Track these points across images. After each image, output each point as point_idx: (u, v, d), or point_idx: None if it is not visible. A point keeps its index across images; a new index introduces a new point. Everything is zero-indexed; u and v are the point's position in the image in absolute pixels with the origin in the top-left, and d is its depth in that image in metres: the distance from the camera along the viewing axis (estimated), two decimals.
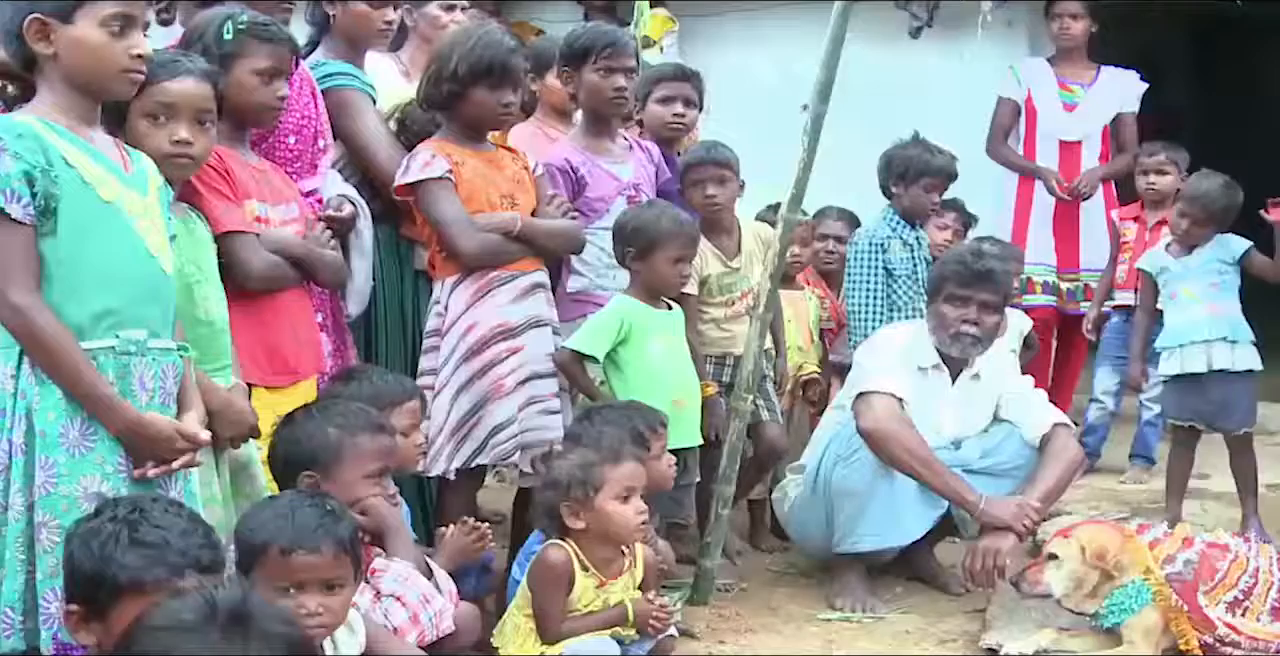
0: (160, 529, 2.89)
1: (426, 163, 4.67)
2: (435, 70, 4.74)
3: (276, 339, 4.17)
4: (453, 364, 4.69)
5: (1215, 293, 6.02)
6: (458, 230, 4.65)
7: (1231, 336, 5.96)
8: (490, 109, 4.74)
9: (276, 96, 4.22)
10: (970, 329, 5.27)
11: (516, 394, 4.73)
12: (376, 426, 3.83)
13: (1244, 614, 4.57)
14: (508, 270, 4.75)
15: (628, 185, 5.31)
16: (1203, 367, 5.94)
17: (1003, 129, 7.73)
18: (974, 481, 5.15)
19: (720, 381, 5.42)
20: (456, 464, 4.69)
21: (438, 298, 4.78)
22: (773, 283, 5.17)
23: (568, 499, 4.07)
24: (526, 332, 4.77)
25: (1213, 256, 6.04)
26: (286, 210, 4.30)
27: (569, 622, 4.07)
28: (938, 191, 6.27)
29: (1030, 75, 7.69)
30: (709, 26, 7.84)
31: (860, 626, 5.07)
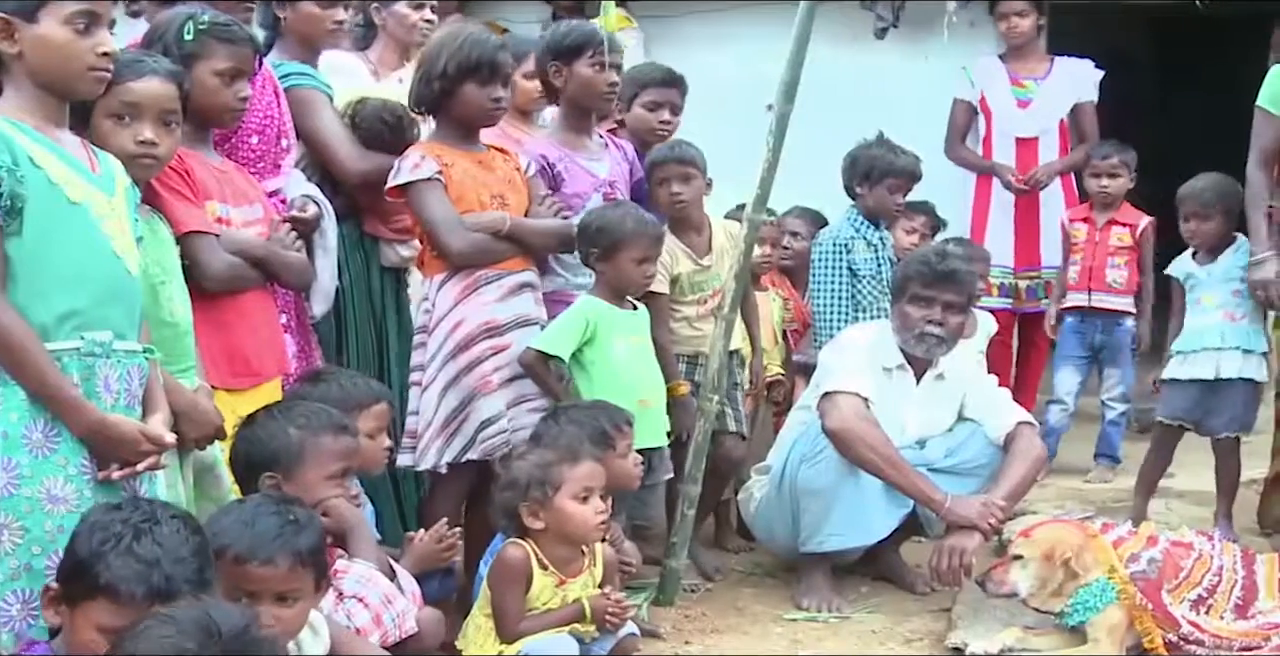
0: (159, 547, 2.88)
1: (416, 164, 4.70)
2: (425, 71, 4.78)
3: (238, 341, 4.14)
4: (440, 360, 4.72)
5: (1236, 301, 5.96)
6: (447, 230, 4.68)
7: (1245, 346, 5.92)
8: (481, 105, 4.77)
9: (238, 97, 4.19)
10: (934, 329, 5.28)
11: (503, 391, 4.75)
12: (338, 427, 3.82)
13: (1208, 611, 4.59)
14: (495, 269, 4.77)
15: (603, 182, 5.32)
16: (1210, 375, 5.92)
17: (959, 130, 7.74)
18: (939, 480, 5.17)
19: (693, 380, 5.42)
20: (447, 458, 4.71)
21: (426, 295, 4.82)
22: (739, 283, 5.17)
23: (526, 499, 4.08)
24: (513, 331, 4.79)
25: (1234, 263, 5.99)
26: (250, 211, 4.27)
27: (527, 621, 4.07)
28: (901, 192, 6.27)
29: (982, 75, 7.69)
30: (674, 27, 7.85)
31: (826, 626, 5.08)
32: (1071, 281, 7.10)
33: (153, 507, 3.01)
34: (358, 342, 5.15)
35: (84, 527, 2.94)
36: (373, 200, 5.05)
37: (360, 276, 5.18)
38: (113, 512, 2.95)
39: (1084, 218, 7.15)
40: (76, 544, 2.92)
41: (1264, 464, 6.04)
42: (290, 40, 5.15)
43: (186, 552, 2.91)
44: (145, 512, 2.95)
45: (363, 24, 6.01)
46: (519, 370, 4.79)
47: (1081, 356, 7.08)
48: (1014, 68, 7.65)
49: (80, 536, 2.92)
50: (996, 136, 7.62)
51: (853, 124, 7.78)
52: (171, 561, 2.87)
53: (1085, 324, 7.06)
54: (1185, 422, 6.07)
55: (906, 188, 6.30)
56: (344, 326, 5.13)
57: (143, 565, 2.84)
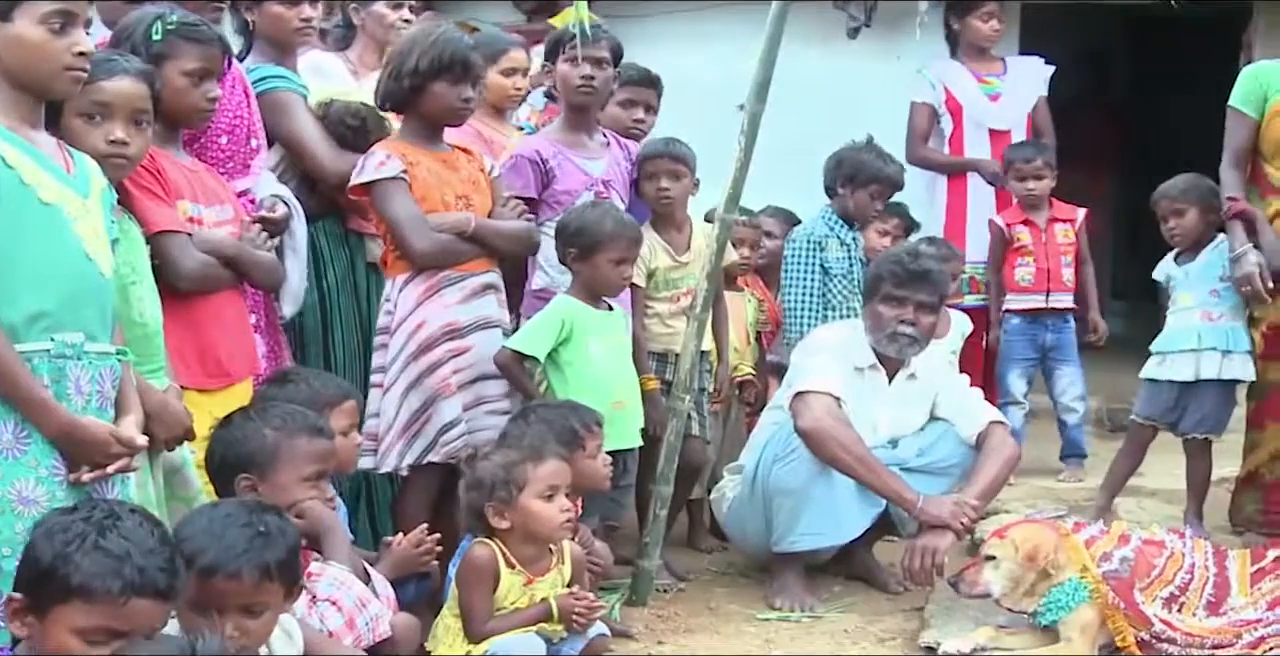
0: (127, 541, 2.85)
1: (381, 163, 4.68)
2: (395, 67, 4.75)
3: (209, 341, 4.13)
4: (401, 362, 4.70)
5: (1215, 301, 5.97)
6: (411, 229, 4.66)
7: (1225, 346, 5.91)
8: (450, 103, 4.76)
9: (207, 98, 4.18)
10: (907, 329, 5.29)
11: (462, 394, 4.73)
12: (315, 429, 3.80)
13: (1180, 609, 4.60)
14: (458, 270, 4.76)
15: (596, 181, 5.35)
16: (1190, 376, 5.93)
17: (921, 133, 7.68)
18: (911, 480, 5.17)
19: (663, 379, 5.43)
20: (408, 460, 4.71)
21: (388, 296, 4.80)
22: (710, 284, 5.17)
23: (491, 499, 4.07)
24: (474, 333, 4.77)
25: (1212, 262, 6.01)
26: (220, 211, 4.26)
27: (494, 621, 4.06)
28: (881, 199, 6.30)
29: (943, 75, 7.66)
30: (646, 26, 7.84)
31: (799, 626, 5.07)
32: (1025, 284, 7.03)
33: (110, 505, 2.98)
34: (343, 339, 5.16)
35: (40, 534, 2.89)
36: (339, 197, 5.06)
37: (345, 273, 5.20)
38: (70, 515, 2.92)
39: (1023, 220, 7.07)
40: (37, 551, 2.87)
41: (1236, 462, 6.05)
42: (262, 43, 5.19)
43: (154, 544, 2.88)
44: (105, 510, 2.92)
45: (342, 25, 6.04)
46: (480, 372, 4.78)
47: (1029, 359, 7.05)
48: (973, 67, 7.65)
49: (39, 543, 2.88)
50: (969, 130, 7.57)
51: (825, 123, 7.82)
52: (142, 553, 2.84)
53: (1035, 325, 7.00)
54: (1159, 423, 6.09)
55: (887, 195, 6.33)
56: (329, 323, 5.15)
57: (113, 560, 2.81)
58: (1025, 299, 7.04)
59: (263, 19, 5.14)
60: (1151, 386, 6.09)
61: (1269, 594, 4.61)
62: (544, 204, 5.29)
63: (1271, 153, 5.71)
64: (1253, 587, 4.69)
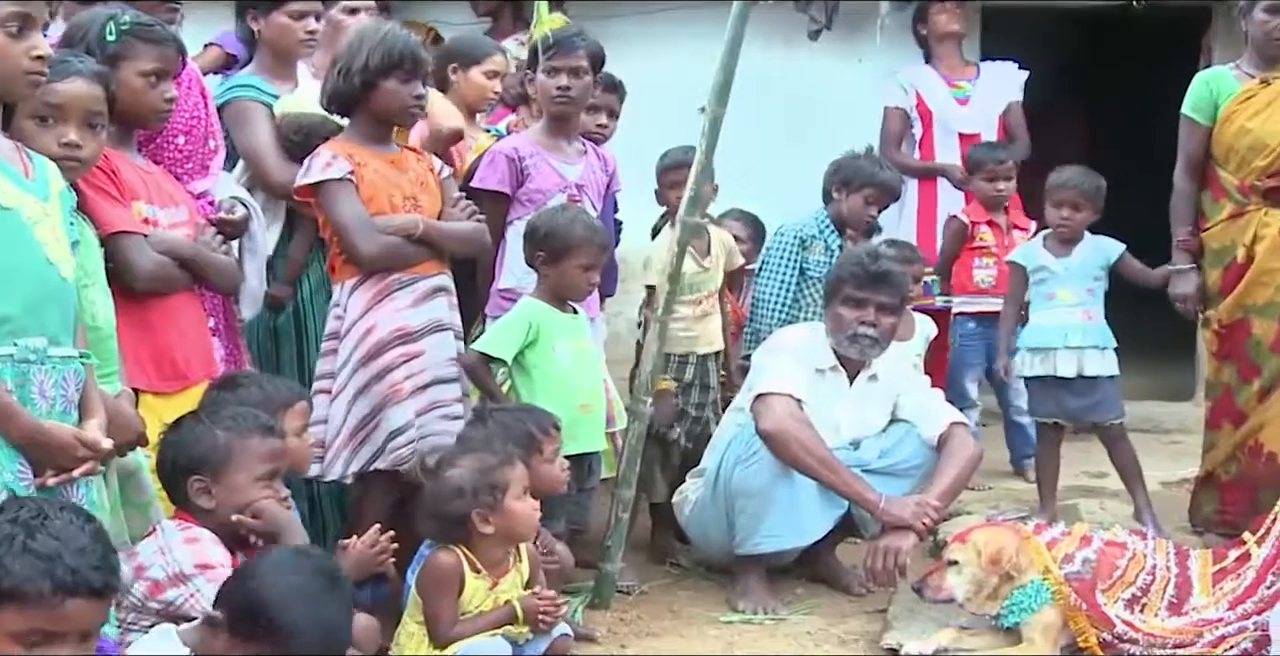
0: (57, 541, 2.78)
1: (328, 163, 4.63)
2: (344, 65, 4.69)
3: (165, 343, 4.10)
4: (350, 367, 4.65)
5: (1090, 299, 6.10)
6: (357, 231, 4.61)
7: (1101, 344, 6.06)
8: (401, 101, 4.71)
9: (164, 98, 4.15)
10: (868, 331, 5.29)
11: (415, 399, 4.68)
12: (266, 428, 3.77)
13: (1142, 610, 4.62)
14: (408, 273, 4.71)
15: (570, 184, 5.35)
16: (1073, 373, 6.02)
17: (895, 137, 7.73)
18: (873, 481, 5.17)
19: (683, 380, 5.62)
20: (354, 468, 4.66)
21: (337, 300, 4.74)
22: (672, 286, 5.16)
23: (477, 505, 4.04)
24: (426, 337, 4.73)
25: (1090, 259, 6.11)
26: (175, 213, 4.23)
27: (460, 625, 4.04)
28: (877, 206, 6.27)
29: (915, 80, 7.73)
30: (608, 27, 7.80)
31: (762, 628, 5.07)
32: (984, 286, 7.03)
33: (38, 504, 2.90)
34: (319, 347, 5.11)
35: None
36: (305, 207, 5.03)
37: (321, 282, 5.16)
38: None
39: (987, 221, 7.09)
40: None
41: (1195, 463, 6.08)
42: (265, 52, 5.27)
43: (86, 541, 2.81)
44: (34, 509, 2.84)
45: None
46: (434, 376, 4.74)
47: (982, 363, 7.05)
48: (944, 72, 7.71)
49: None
50: (939, 134, 7.63)
51: (786, 126, 7.85)
52: (73, 552, 2.77)
53: (989, 329, 6.92)
54: (1060, 419, 6.15)
55: (883, 203, 6.31)
56: (304, 329, 5.16)
57: (44, 561, 2.74)
58: (982, 301, 7.01)
59: (269, 29, 5.22)
60: (1039, 385, 6.15)
61: (1230, 593, 4.63)
62: (517, 201, 5.29)
63: (1224, 158, 5.76)
64: (1214, 587, 4.72)
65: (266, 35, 5.23)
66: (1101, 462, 6.46)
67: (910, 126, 7.74)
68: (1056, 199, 6.15)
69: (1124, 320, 6.31)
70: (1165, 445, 7.59)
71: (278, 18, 5.18)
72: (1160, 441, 7.67)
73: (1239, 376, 5.78)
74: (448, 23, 7.93)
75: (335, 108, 4.83)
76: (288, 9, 5.17)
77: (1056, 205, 6.15)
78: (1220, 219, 5.79)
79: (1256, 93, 5.72)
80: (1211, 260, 5.84)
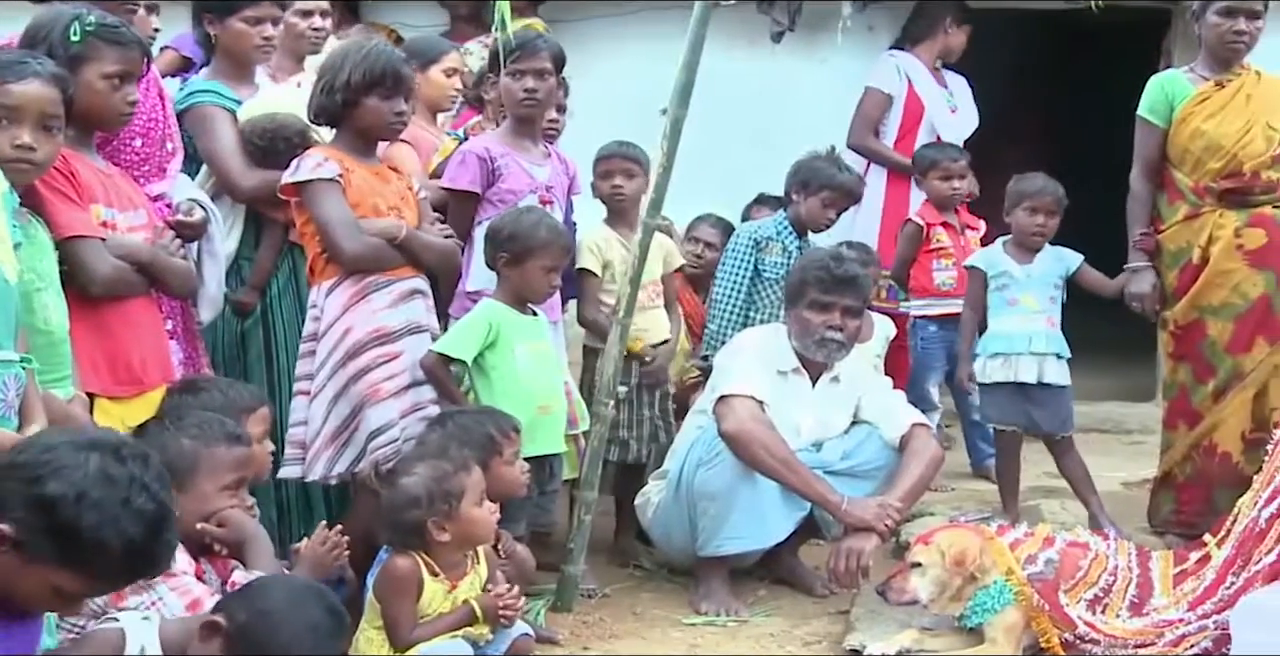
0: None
1: (318, 164, 4.65)
2: (326, 81, 4.72)
3: (121, 347, 4.06)
4: (329, 369, 4.65)
5: (1052, 306, 6.12)
6: (342, 231, 4.62)
7: (1061, 353, 6.08)
8: (383, 118, 4.74)
9: (127, 101, 4.13)
10: (835, 334, 5.30)
11: (396, 400, 4.69)
12: (233, 437, 3.76)
13: (1103, 610, 4.65)
14: (385, 275, 4.72)
15: (541, 186, 5.37)
16: (1034, 379, 6.03)
17: (871, 121, 7.67)
18: (836, 482, 5.19)
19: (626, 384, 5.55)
20: (338, 469, 4.66)
21: (314, 301, 4.75)
22: (633, 288, 5.16)
23: (433, 514, 4.03)
24: (405, 338, 4.74)
25: (1051, 268, 6.13)
26: (134, 216, 4.21)
27: (419, 628, 4.03)
28: (835, 208, 6.25)
29: (910, 69, 7.71)
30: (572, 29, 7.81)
31: (724, 630, 5.07)
32: (945, 288, 6.99)
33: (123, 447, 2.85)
34: (287, 351, 5.12)
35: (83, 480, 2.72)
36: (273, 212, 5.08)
37: (288, 284, 5.18)
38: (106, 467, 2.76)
39: (942, 222, 7.05)
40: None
41: (1154, 463, 6.11)
42: (222, 57, 5.26)
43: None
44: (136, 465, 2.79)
45: None
46: (414, 377, 4.75)
47: (943, 365, 7.02)
48: (934, 75, 7.75)
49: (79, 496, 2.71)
50: (924, 134, 7.60)
51: (750, 128, 7.85)
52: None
53: (948, 332, 6.91)
54: (1017, 426, 6.16)
55: (842, 205, 6.29)
56: (273, 336, 5.15)
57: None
58: (944, 303, 6.97)
59: (225, 35, 5.20)
60: (998, 390, 6.14)
61: (1190, 594, 4.64)
62: (486, 201, 5.29)
63: (1179, 159, 5.81)
64: (1175, 588, 4.75)
65: (223, 40, 5.22)
66: None
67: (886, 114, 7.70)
68: (1032, 205, 6.13)
69: (1086, 321, 6.36)
70: (1127, 445, 7.63)
71: (234, 23, 5.16)
72: (1122, 442, 7.71)
73: (1194, 377, 5.82)
74: (411, 25, 7.92)
75: (320, 122, 4.87)
76: (244, 15, 5.16)
77: (1031, 211, 6.13)
78: (1176, 221, 5.82)
79: (1211, 95, 5.76)
80: (1167, 262, 5.87)
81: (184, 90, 5.20)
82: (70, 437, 2.81)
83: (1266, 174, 5.69)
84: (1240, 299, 5.72)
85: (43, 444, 2.79)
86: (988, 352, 6.14)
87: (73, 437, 2.83)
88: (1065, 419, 6.13)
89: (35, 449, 2.78)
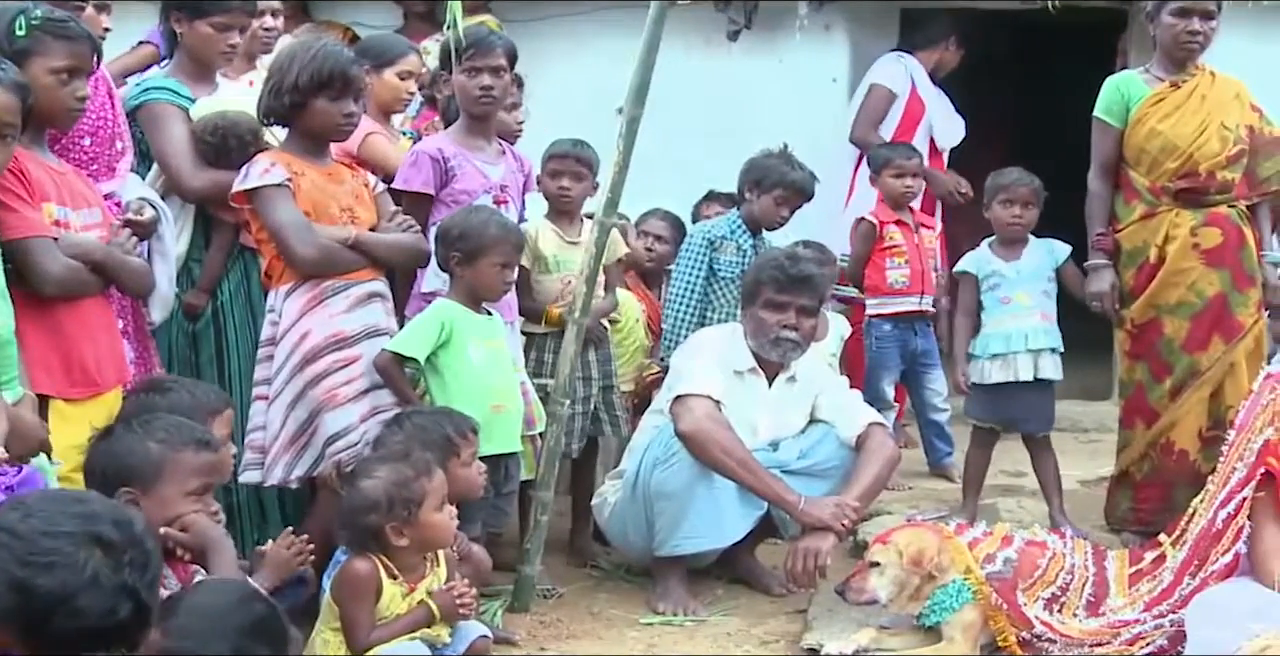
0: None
1: (266, 169, 4.61)
2: (275, 82, 4.69)
3: (75, 348, 4.00)
4: (286, 373, 4.62)
5: (1045, 300, 6.11)
6: (296, 236, 4.59)
7: (1056, 347, 6.07)
8: (332, 119, 4.70)
9: (76, 96, 4.07)
10: (790, 334, 5.31)
11: (355, 404, 4.66)
12: (201, 442, 3.69)
13: (1060, 610, 4.67)
14: (343, 279, 4.69)
15: (495, 185, 5.33)
16: (1029, 376, 6.03)
17: (876, 118, 7.71)
18: (792, 482, 5.18)
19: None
20: (297, 473, 4.64)
21: (272, 306, 4.72)
22: (588, 287, 5.15)
23: (392, 519, 4.00)
24: (363, 342, 4.71)
25: (1042, 262, 6.12)
26: (88, 214, 4.15)
27: (377, 630, 4.01)
28: (788, 206, 6.25)
29: (915, 71, 7.77)
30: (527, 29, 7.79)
31: (682, 629, 5.07)
32: (899, 286, 6.95)
33: None
34: (239, 354, 5.09)
35: None
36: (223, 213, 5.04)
37: (239, 286, 5.14)
38: None
39: (895, 220, 7.01)
40: None
41: (1113, 461, 6.13)
42: (184, 56, 5.21)
43: None
44: None
45: None
46: (373, 381, 4.72)
47: (899, 364, 7.04)
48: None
49: None
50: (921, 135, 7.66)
51: (706, 127, 7.83)
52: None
53: (905, 331, 6.97)
54: (997, 424, 6.18)
55: (795, 203, 6.28)
56: (224, 339, 5.11)
57: None
58: (899, 302, 6.96)
59: (191, 35, 5.16)
60: (984, 389, 6.15)
61: (1147, 595, 4.68)
62: (441, 202, 5.24)
63: (1135, 159, 5.83)
64: (1131, 589, 4.78)
65: (188, 41, 5.17)
66: (1020, 462, 6.50)
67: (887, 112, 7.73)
68: (1006, 197, 6.13)
69: None
70: (1083, 444, 7.64)
71: (201, 26, 5.12)
72: (1079, 440, 7.73)
73: (1151, 375, 5.84)
74: (366, 25, 7.88)
75: (271, 122, 4.84)
76: (213, 20, 5.11)
77: (1006, 203, 6.13)
78: (1132, 220, 5.84)
79: (1166, 96, 5.79)
80: (1124, 261, 5.89)
81: (139, 86, 5.15)
82: (75, 526, 2.60)
83: (1222, 174, 5.73)
84: (1196, 297, 5.75)
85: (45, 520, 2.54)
86: (987, 354, 6.11)
87: (78, 526, 2.55)
88: (1048, 417, 6.14)
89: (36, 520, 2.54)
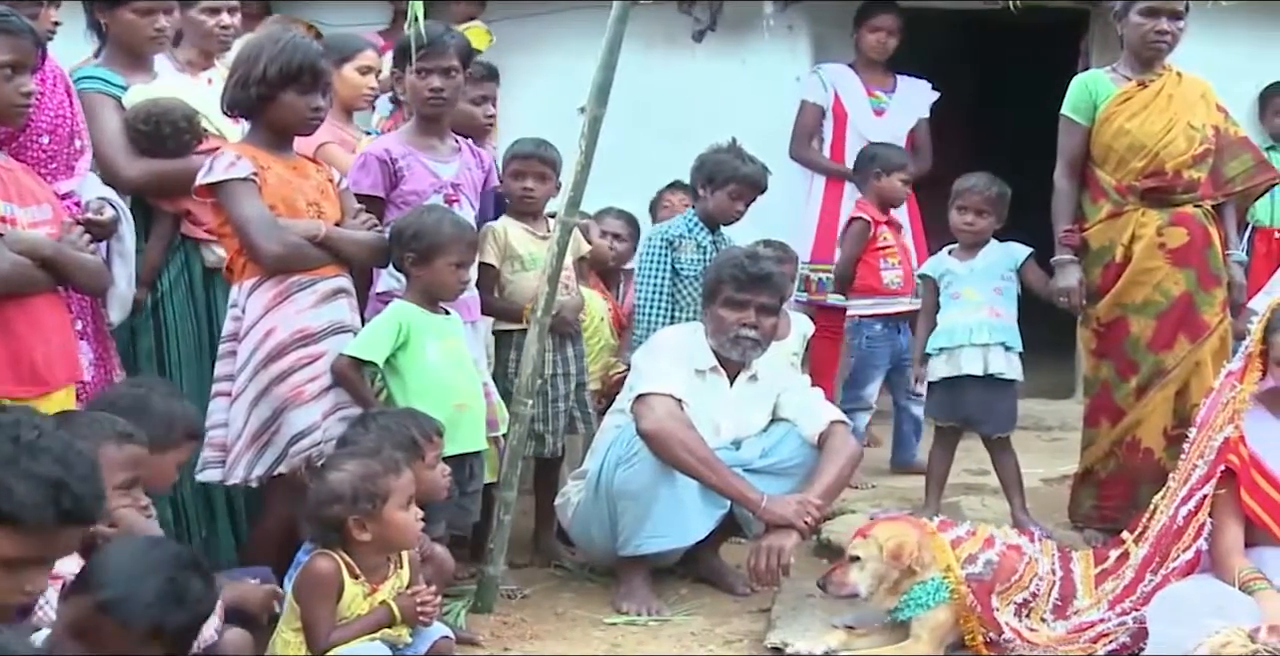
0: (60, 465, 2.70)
1: (231, 163, 4.55)
2: (241, 74, 4.63)
3: (23, 346, 3.96)
4: (250, 370, 4.57)
5: (997, 298, 6.10)
6: (261, 230, 4.53)
7: (1008, 343, 6.06)
8: (299, 113, 4.66)
9: (20, 92, 4.03)
10: (749, 332, 5.31)
11: (319, 401, 4.62)
12: (123, 435, 3.67)
13: (1029, 614, 4.70)
14: (309, 275, 4.64)
15: (446, 184, 5.28)
16: (978, 370, 6.02)
17: (808, 133, 7.81)
18: (755, 480, 5.18)
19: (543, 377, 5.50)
20: (258, 472, 4.58)
21: (235, 301, 4.66)
22: (551, 287, 5.13)
23: (355, 512, 3.99)
24: (328, 339, 4.67)
25: (997, 261, 6.13)
26: (38, 211, 4.11)
27: (338, 631, 3.98)
28: (743, 200, 6.23)
29: (836, 80, 7.81)
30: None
31: (646, 629, 5.06)
32: (894, 287, 7.02)
33: (32, 419, 2.77)
34: (179, 347, 5.05)
35: None
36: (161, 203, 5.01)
37: (179, 278, 5.08)
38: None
39: (885, 220, 7.09)
40: None
41: (1075, 459, 6.14)
42: (113, 46, 5.12)
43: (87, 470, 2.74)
44: (29, 427, 2.70)
45: None
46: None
47: (887, 365, 7.07)
48: (865, 79, 7.80)
49: None
50: (851, 139, 7.68)
51: (670, 127, 7.83)
52: (78, 480, 2.69)
53: (894, 331, 7.02)
54: (957, 423, 6.18)
55: (749, 196, 6.26)
56: (164, 331, 5.04)
57: (49, 488, 2.64)
58: (892, 302, 7.03)
59: (116, 25, 5.07)
60: (939, 387, 6.16)
61: (1110, 593, 4.72)
62: (391, 204, 5.19)
63: (1102, 158, 5.85)
64: (1096, 588, 4.81)
65: (114, 30, 5.07)
66: (983, 460, 6.48)
67: (822, 124, 7.81)
68: (961, 204, 6.16)
69: None
70: (1046, 442, 7.68)
71: (123, 14, 5.02)
72: (1041, 438, 7.76)
73: (1117, 374, 5.86)
74: (327, 24, 7.85)
75: (234, 115, 4.80)
76: (134, 6, 5.01)
77: (960, 210, 6.16)
78: (1099, 219, 5.85)
79: (1134, 95, 5.80)
80: (1091, 260, 5.89)
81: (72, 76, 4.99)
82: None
83: (1188, 173, 5.75)
84: (1162, 297, 5.76)
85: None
86: (935, 348, 6.14)
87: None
88: (1007, 418, 6.13)
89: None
